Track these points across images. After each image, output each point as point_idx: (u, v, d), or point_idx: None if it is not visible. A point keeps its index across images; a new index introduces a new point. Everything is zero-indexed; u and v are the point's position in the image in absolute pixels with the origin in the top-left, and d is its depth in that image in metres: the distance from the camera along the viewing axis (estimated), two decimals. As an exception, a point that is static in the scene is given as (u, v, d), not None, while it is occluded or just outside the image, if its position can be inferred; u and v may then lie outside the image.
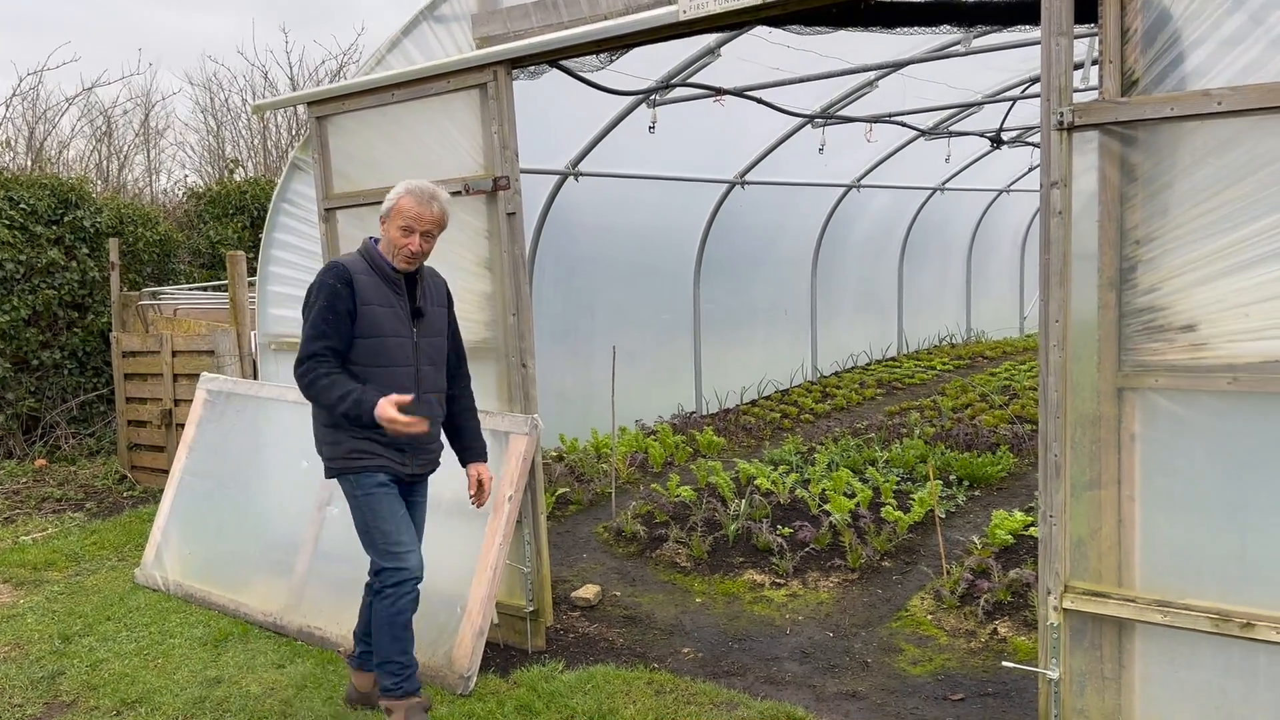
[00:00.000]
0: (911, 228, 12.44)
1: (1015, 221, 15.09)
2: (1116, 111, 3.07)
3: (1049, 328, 3.26)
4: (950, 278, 14.02)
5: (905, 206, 12.10)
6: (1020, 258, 15.62)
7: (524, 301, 4.56)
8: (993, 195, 13.68)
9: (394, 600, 3.66)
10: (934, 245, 13.17)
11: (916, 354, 12.95)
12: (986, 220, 14.07)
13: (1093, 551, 3.29)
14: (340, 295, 3.54)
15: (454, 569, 4.45)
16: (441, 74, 4.60)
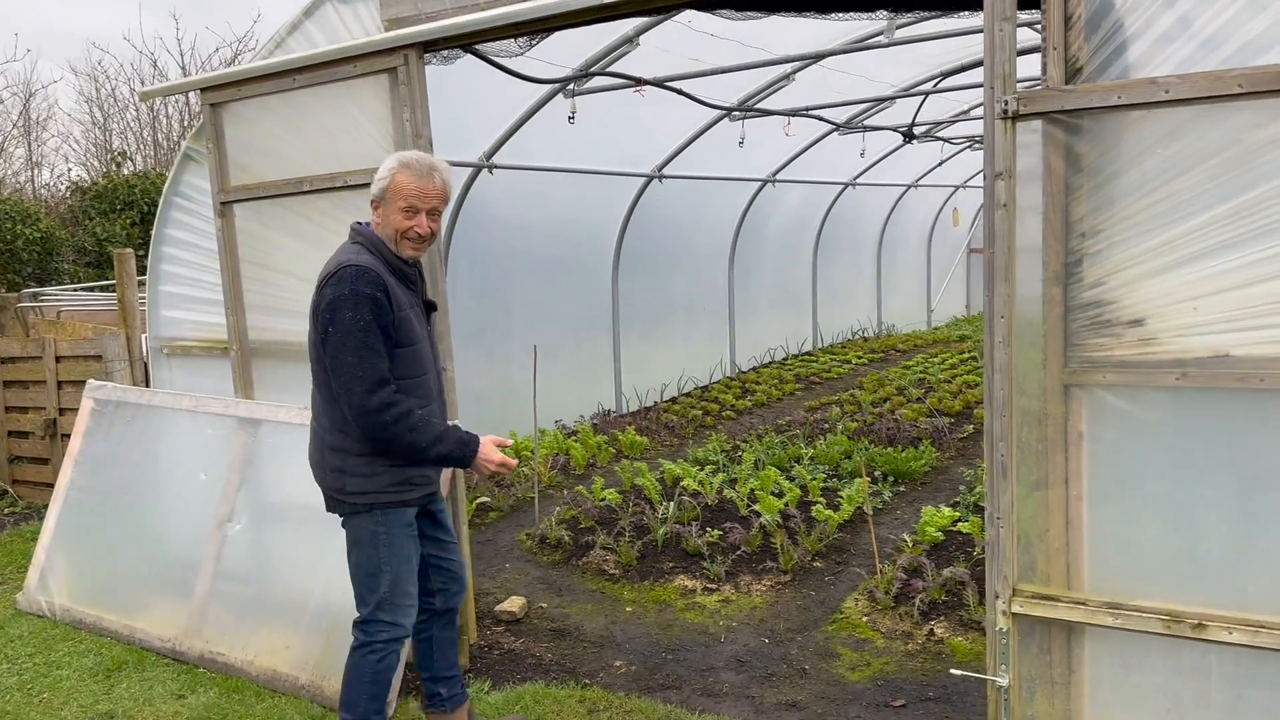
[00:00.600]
0: (825, 222, 12.46)
1: (922, 216, 15.28)
2: (1062, 100, 2.97)
3: (994, 324, 3.15)
4: (862, 272, 14.11)
5: (819, 201, 12.11)
6: (927, 252, 15.83)
7: (442, 300, 4.30)
8: (901, 190, 13.81)
9: (383, 656, 3.22)
10: (846, 240, 13.22)
11: (831, 348, 12.99)
12: (895, 215, 14.20)
13: (1041, 553, 3.20)
14: (382, 307, 3.01)
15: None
16: (348, 57, 4.31)
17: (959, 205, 15.91)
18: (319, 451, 3.20)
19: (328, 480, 3.18)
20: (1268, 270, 2.78)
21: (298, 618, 4.33)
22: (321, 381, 3.12)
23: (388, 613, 3.19)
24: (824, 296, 12.89)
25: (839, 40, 6.75)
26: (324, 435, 3.16)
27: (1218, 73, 2.74)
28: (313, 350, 3.12)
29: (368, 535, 3.16)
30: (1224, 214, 2.82)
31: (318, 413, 3.20)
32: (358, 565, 3.21)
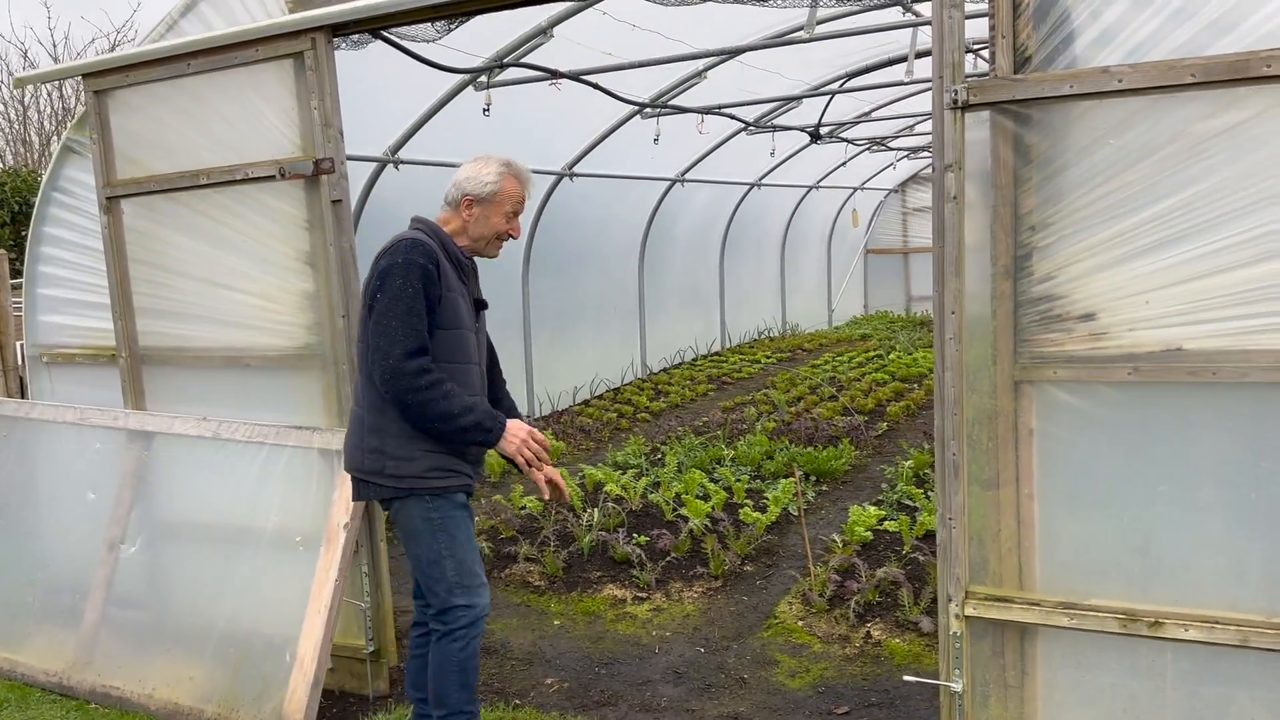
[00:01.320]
0: (731, 223, 12.44)
1: (823, 217, 15.44)
2: (1013, 89, 2.89)
3: (944, 320, 3.06)
4: (766, 272, 14.15)
5: (726, 201, 12.08)
6: (827, 252, 16.01)
7: (355, 301, 4.03)
8: (804, 191, 13.91)
9: (467, 642, 3.15)
10: (752, 240, 13.24)
11: (740, 348, 12.98)
12: (798, 216, 14.29)
13: (993, 554, 3.13)
14: (432, 280, 3.01)
15: (281, 610, 3.88)
16: (249, 41, 4.00)
17: (858, 206, 16.14)
18: (356, 434, 3.14)
19: (366, 462, 3.10)
20: (1220, 262, 2.75)
21: (201, 646, 4.01)
22: (364, 359, 3.08)
23: (461, 595, 3.12)
24: (731, 297, 12.88)
25: (759, 35, 6.67)
26: (364, 416, 3.11)
27: (1171, 62, 2.70)
28: (361, 328, 3.10)
29: (421, 524, 3.09)
30: (1176, 206, 2.78)
31: (360, 395, 3.17)
32: (417, 557, 3.14)
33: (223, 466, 4.17)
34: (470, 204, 3.22)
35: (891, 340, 12.99)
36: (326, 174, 3.92)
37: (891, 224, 17.60)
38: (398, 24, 3.92)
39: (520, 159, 3.41)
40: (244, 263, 4.20)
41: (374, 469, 3.08)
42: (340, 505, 3.91)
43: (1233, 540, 2.83)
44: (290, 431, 4.06)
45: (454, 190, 3.25)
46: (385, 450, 3.06)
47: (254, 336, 4.23)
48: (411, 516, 3.09)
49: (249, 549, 4.11)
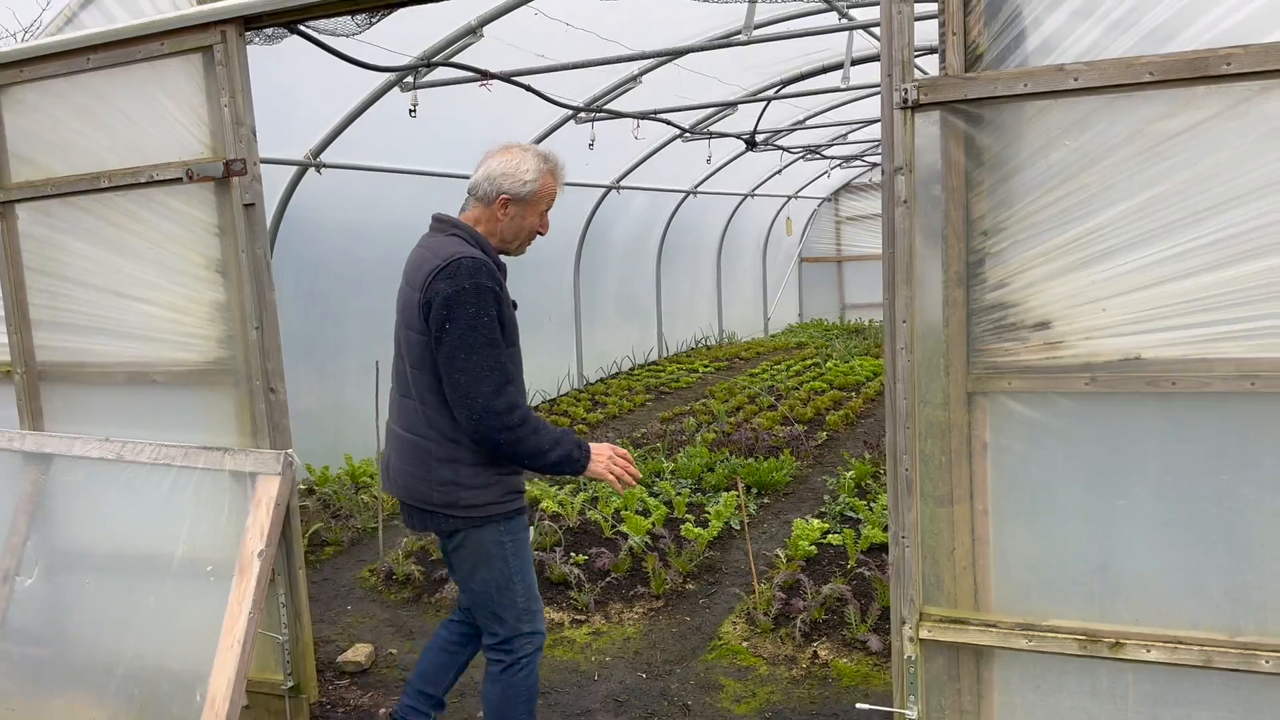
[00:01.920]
0: (667, 230, 12.31)
1: (758, 225, 15.40)
2: (965, 88, 2.77)
3: (895, 329, 2.92)
4: (703, 281, 14.05)
5: (662, 208, 11.95)
6: (762, 261, 15.97)
7: (269, 312, 3.78)
8: (739, 199, 13.84)
9: (530, 670, 3.03)
10: (688, 248, 13.13)
11: (677, 357, 12.85)
12: (734, 224, 14.23)
13: (947, 573, 2.99)
14: (503, 302, 2.87)
15: (191, 645, 3.61)
16: (154, 34, 3.73)
17: (792, 215, 16.15)
18: (422, 466, 2.92)
19: (436, 495, 2.90)
20: (1180, 268, 2.65)
21: (104, 685, 3.71)
22: (426, 387, 2.87)
23: (529, 623, 3.01)
24: (668, 305, 12.74)
25: (697, 37, 6.54)
26: (430, 448, 2.89)
27: (1128, 59, 2.59)
28: (412, 352, 2.90)
29: (494, 548, 2.93)
30: (1133, 209, 2.68)
31: (418, 423, 2.92)
32: (486, 582, 2.96)
33: (127, 491, 3.88)
34: (507, 203, 2.96)
35: (828, 348, 12.97)
36: (238, 176, 3.66)
37: (825, 232, 17.66)
38: (315, 16, 3.67)
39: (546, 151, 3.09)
40: (150, 271, 3.92)
41: (447, 501, 2.90)
42: (254, 532, 3.64)
43: (1194, 556, 2.72)
44: (200, 453, 3.79)
45: (489, 186, 2.97)
46: (460, 481, 2.88)
47: (161, 350, 3.95)
48: (484, 542, 2.93)
49: (156, 579, 3.82)
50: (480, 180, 3.00)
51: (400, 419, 3.01)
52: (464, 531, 2.93)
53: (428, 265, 2.87)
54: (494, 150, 3.04)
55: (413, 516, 3.03)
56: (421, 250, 3.02)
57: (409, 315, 2.92)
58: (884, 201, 2.94)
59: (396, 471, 3.03)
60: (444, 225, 3.04)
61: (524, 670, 3.01)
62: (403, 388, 2.99)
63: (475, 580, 2.98)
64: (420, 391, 2.90)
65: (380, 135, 6.78)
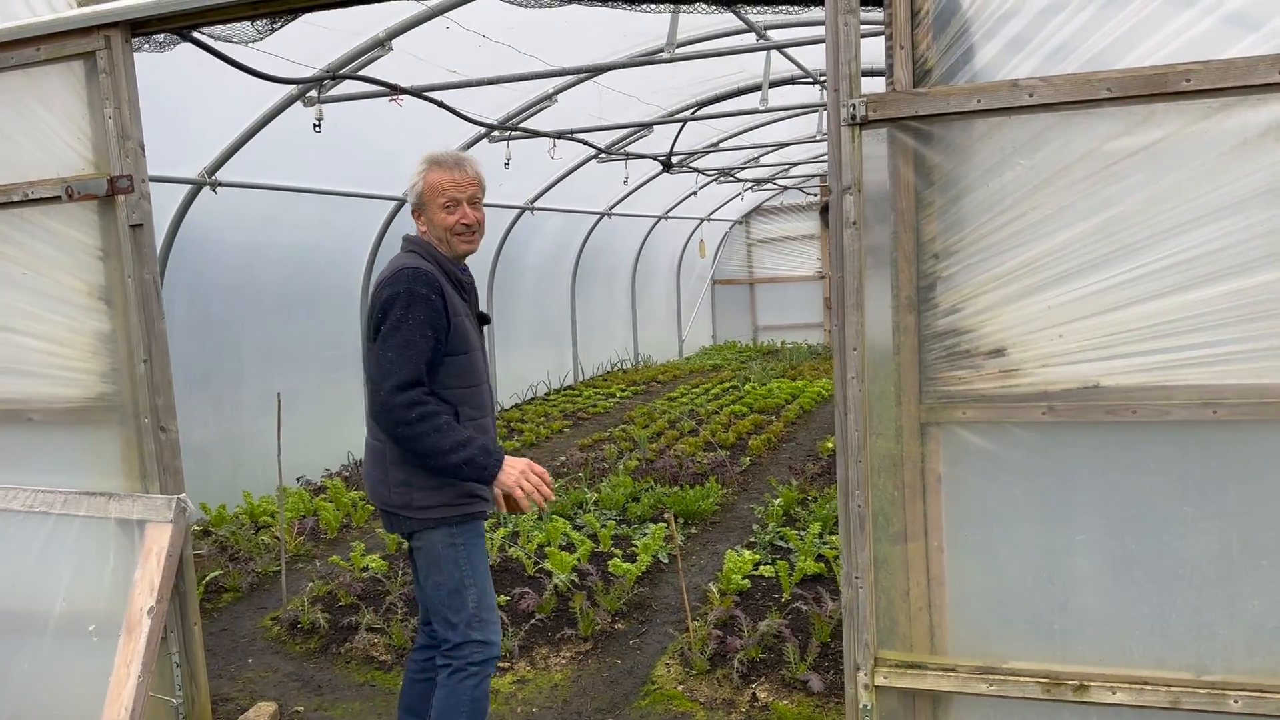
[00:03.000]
0: (582, 252, 12.11)
1: (672, 248, 15.33)
2: (915, 104, 2.63)
3: (846, 357, 2.75)
4: (617, 303, 13.87)
5: (577, 230, 11.75)
6: (676, 283, 15.89)
7: (160, 342, 3.44)
8: (653, 221, 13.74)
9: (480, 680, 3.01)
10: (603, 270, 12.94)
11: (593, 381, 12.62)
12: (648, 246, 14.11)
13: (903, 615, 2.83)
14: (437, 311, 2.91)
15: (73, 714, 3.23)
16: (29, 39, 3.38)
17: (704, 237, 16.12)
18: (379, 468, 3.02)
19: (393, 496, 2.98)
20: (1137, 291, 2.54)
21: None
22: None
23: (479, 630, 3.00)
24: (583, 329, 12.52)
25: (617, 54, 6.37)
26: (386, 450, 2.98)
27: (1084, 75, 2.49)
28: (367, 361, 3.07)
29: (445, 551, 2.98)
30: (1090, 230, 2.57)
31: (376, 431, 3.04)
32: (437, 585, 3.00)
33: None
34: (417, 213, 3.10)
35: (745, 370, 12.89)
36: (124, 194, 3.32)
37: (737, 255, 17.69)
38: (210, 22, 3.36)
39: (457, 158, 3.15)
40: (23, 299, 3.55)
41: (402, 503, 2.97)
42: (143, 586, 3.29)
43: (1158, 592, 2.61)
44: (82, 499, 3.42)
45: (411, 195, 3.13)
46: (413, 482, 2.94)
47: (37, 386, 3.57)
48: (435, 544, 2.98)
49: (31, 640, 3.44)
50: (408, 190, 3.14)
51: (369, 426, 3.10)
52: (422, 534, 2.98)
53: (379, 277, 3.01)
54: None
55: (385, 519, 3.09)
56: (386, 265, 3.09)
57: (368, 325, 3.01)
58: (831, 223, 2.78)
59: (365, 475, 3.13)
60: (406, 243, 3.13)
61: (470, 679, 2.98)
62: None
63: (429, 583, 3.02)
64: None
65: (282, 153, 6.43)
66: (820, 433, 8.75)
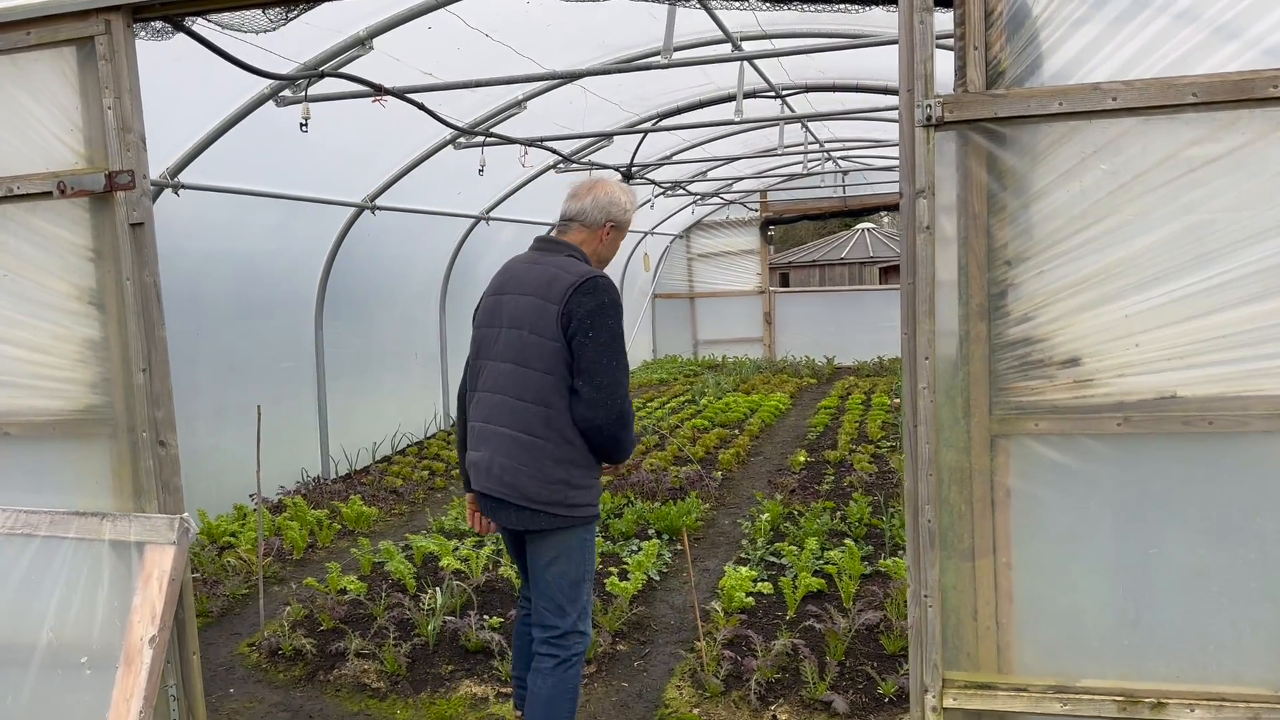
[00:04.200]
0: (532, 263, 11.90)
1: (617, 260, 15.18)
2: (995, 105, 2.56)
3: (917, 367, 2.66)
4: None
5: (529, 239, 11.51)
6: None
7: (160, 350, 3.20)
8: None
9: (579, 669, 3.20)
10: (551, 282, 12.73)
11: (542, 395, 12.40)
12: (596, 257, 13.94)
13: (970, 634, 2.74)
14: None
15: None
16: (16, 22, 3.11)
17: (648, 250, 16.04)
18: (534, 464, 3.05)
19: (545, 492, 3.05)
20: (1216, 300, 2.50)
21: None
22: (554, 390, 3.03)
23: (583, 623, 3.20)
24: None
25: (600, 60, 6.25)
26: (548, 448, 3.05)
27: (1169, 79, 2.44)
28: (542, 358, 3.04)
29: (577, 545, 3.14)
30: (1168, 237, 2.52)
31: (536, 425, 3.05)
32: (561, 575, 3.13)
33: (-28, 568, 3.18)
34: (612, 229, 3.29)
35: (698, 384, 12.81)
36: (124, 190, 3.08)
37: (678, 269, 17.67)
38: (220, 8, 3.14)
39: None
40: (4, 303, 3.26)
41: (555, 499, 3.05)
42: (143, 613, 3.04)
43: (1235, 606, 2.56)
44: (71, 519, 3.14)
45: (598, 214, 3.25)
46: (571, 481, 3.06)
47: (18, 398, 3.28)
48: (573, 538, 3.12)
49: (14, 674, 3.15)
50: (589, 208, 3.26)
51: (506, 420, 3.09)
52: (558, 531, 3.08)
53: (563, 281, 3.04)
54: (586, 184, 3.35)
55: (504, 511, 3.11)
56: (545, 267, 3.14)
57: (538, 324, 3.04)
58: (902, 228, 2.69)
59: (498, 466, 3.09)
60: (560, 245, 3.23)
61: (574, 668, 3.16)
62: (514, 391, 3.08)
63: (551, 573, 3.13)
64: (545, 394, 3.03)
65: (247, 155, 6.15)
66: (785, 446, 8.70)
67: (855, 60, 8.12)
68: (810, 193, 16.20)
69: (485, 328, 3.22)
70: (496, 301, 3.21)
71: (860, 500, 5.98)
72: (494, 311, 3.20)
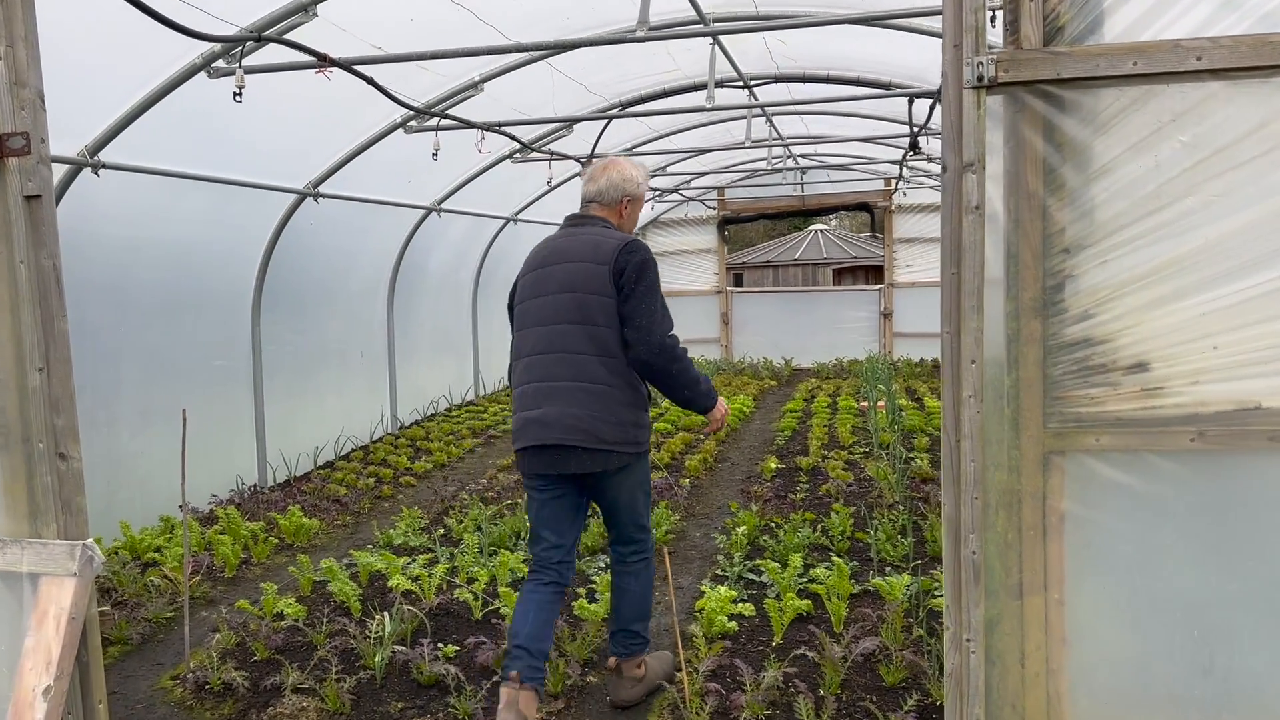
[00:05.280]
0: (485, 259, 11.42)
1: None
2: (1057, 64, 2.18)
3: (961, 372, 2.28)
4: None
5: (481, 235, 11.06)
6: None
7: (61, 347, 2.70)
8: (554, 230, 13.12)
9: (651, 564, 3.81)
10: (502, 279, 12.23)
11: (496, 396, 11.91)
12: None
13: (1015, 682, 2.36)
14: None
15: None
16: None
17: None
18: (605, 410, 3.40)
19: (613, 433, 3.41)
20: (1313, 296, 2.15)
21: None
22: (616, 342, 3.40)
23: (647, 532, 3.76)
24: (485, 340, 11.80)
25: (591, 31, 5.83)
26: (615, 394, 3.42)
27: (1263, 37, 2.09)
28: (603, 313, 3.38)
29: (643, 474, 3.65)
30: (1255, 222, 2.17)
31: (601, 374, 3.40)
32: (634, 498, 3.64)
33: None
34: (629, 202, 3.66)
35: (652, 386, 12.41)
36: (17, 156, 2.58)
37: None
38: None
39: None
40: None
41: (621, 439, 3.44)
42: (36, 660, 2.54)
43: (1325, 651, 2.22)
44: (-53, 548, 2.63)
45: (614, 192, 3.62)
46: (638, 422, 3.49)
47: (-116, 401, 2.75)
48: (635, 472, 3.59)
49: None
50: (605, 188, 3.62)
51: (571, 374, 3.41)
52: (629, 465, 3.51)
53: (608, 244, 3.46)
54: (600, 166, 3.67)
55: (574, 458, 3.42)
56: (586, 237, 3.52)
57: (592, 284, 3.40)
58: (945, 207, 2.30)
59: (570, 416, 3.39)
60: (594, 220, 3.62)
61: (648, 563, 3.80)
62: (576, 347, 3.41)
63: (631, 500, 3.63)
64: (608, 346, 3.41)
65: (176, 133, 5.62)
66: (754, 451, 8.33)
67: (826, 47, 7.80)
68: (769, 191, 15.90)
69: (532, 299, 3.52)
70: (542, 274, 3.51)
71: (842, 512, 5.61)
72: (541, 282, 3.50)
